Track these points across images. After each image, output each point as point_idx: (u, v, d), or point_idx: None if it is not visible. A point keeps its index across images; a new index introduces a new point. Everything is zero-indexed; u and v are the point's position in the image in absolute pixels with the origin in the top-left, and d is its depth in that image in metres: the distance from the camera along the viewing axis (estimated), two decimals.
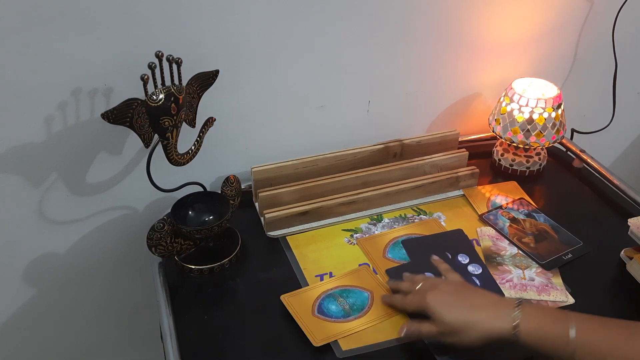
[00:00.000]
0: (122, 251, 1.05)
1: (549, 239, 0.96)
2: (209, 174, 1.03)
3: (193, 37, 0.88)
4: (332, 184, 1.00)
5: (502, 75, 1.16)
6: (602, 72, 1.24)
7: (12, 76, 0.81)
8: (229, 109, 0.97)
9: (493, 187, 1.08)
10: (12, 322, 1.04)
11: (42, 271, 1.01)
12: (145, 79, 0.74)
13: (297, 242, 0.95)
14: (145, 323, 1.18)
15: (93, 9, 0.80)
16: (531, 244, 0.94)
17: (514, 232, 0.97)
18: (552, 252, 0.93)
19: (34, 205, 0.93)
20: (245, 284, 0.88)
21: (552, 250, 0.93)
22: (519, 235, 0.96)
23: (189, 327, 0.81)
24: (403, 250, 0.92)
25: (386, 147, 1.06)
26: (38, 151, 0.88)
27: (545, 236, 0.96)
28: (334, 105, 1.05)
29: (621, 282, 0.88)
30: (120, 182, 0.97)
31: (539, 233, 0.97)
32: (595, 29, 1.19)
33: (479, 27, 1.08)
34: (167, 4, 0.84)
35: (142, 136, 0.79)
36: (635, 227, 0.88)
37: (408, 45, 1.04)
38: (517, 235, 0.96)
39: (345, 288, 0.86)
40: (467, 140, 1.18)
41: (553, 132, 1.06)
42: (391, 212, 1.01)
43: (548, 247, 0.94)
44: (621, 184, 1.07)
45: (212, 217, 0.91)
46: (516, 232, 0.97)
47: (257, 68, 0.96)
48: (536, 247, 0.94)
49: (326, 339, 0.77)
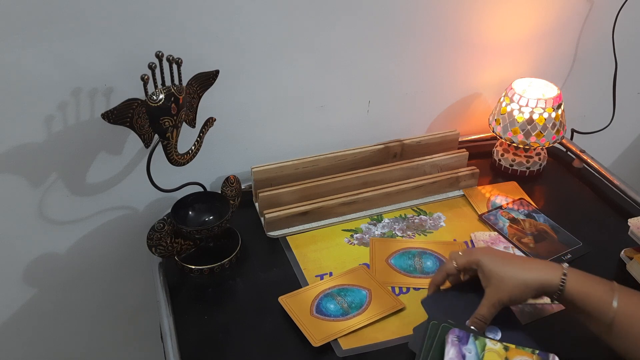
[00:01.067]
0: (122, 251, 1.05)
1: (549, 239, 0.96)
2: (209, 174, 1.03)
3: (193, 37, 0.88)
4: (332, 184, 1.00)
5: (502, 75, 1.16)
6: (602, 72, 1.24)
7: (12, 76, 0.81)
8: (229, 109, 0.97)
9: (493, 187, 1.08)
10: (12, 322, 1.04)
11: (42, 271, 1.01)
12: (145, 79, 0.74)
13: (297, 242, 0.95)
14: (145, 323, 1.18)
15: (93, 9, 0.80)
16: (531, 244, 0.94)
17: (514, 233, 0.97)
18: (551, 252, 0.93)
19: (34, 205, 0.93)
20: (245, 284, 0.88)
21: (551, 250, 0.93)
22: (519, 236, 0.96)
23: (189, 327, 0.81)
24: (409, 261, 0.91)
25: (386, 147, 1.06)
26: (38, 151, 0.88)
27: (544, 236, 0.96)
28: (334, 105, 1.05)
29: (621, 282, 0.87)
30: (120, 182, 0.97)
31: (539, 233, 0.97)
32: (595, 29, 1.19)
33: (479, 27, 1.08)
34: (168, 4, 0.84)
35: (142, 136, 0.79)
36: (635, 227, 0.88)
37: (408, 45, 1.04)
38: (517, 235, 0.96)
39: (343, 287, 0.86)
40: (467, 141, 1.18)
41: (553, 132, 1.06)
42: (391, 212, 1.01)
43: (548, 247, 0.94)
44: (621, 184, 1.07)
45: (212, 217, 0.91)
46: (516, 233, 0.97)
47: (257, 68, 0.96)
48: (536, 248, 0.94)
49: (325, 338, 0.77)
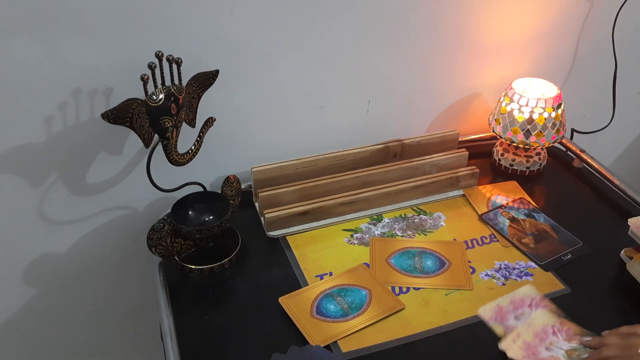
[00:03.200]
0: (122, 251, 1.05)
1: (549, 239, 0.96)
2: (209, 174, 1.03)
3: (193, 37, 0.88)
4: (332, 184, 1.00)
5: (502, 75, 1.16)
6: (602, 72, 1.24)
7: (12, 76, 0.81)
8: (229, 109, 0.97)
9: (493, 187, 1.08)
10: (12, 322, 1.04)
11: (42, 271, 1.01)
12: (145, 79, 0.74)
13: (297, 242, 0.95)
14: (145, 323, 1.18)
15: (93, 9, 0.80)
16: (531, 244, 0.94)
17: (514, 232, 0.97)
18: (551, 252, 0.93)
19: (34, 205, 0.93)
20: (245, 284, 0.88)
21: (551, 250, 0.93)
22: (519, 236, 0.96)
23: (189, 327, 0.81)
24: (409, 261, 0.91)
25: (386, 147, 1.06)
26: (38, 151, 0.88)
27: (545, 236, 0.96)
28: (334, 105, 1.05)
29: (621, 282, 0.88)
30: (120, 182, 0.97)
31: (539, 233, 0.97)
32: (595, 29, 1.19)
33: (479, 27, 1.08)
34: (168, 4, 0.84)
35: (142, 136, 0.79)
36: (635, 227, 0.88)
37: (408, 45, 1.04)
38: (517, 235, 0.96)
39: (343, 287, 0.86)
40: (467, 140, 1.18)
41: (553, 132, 1.06)
42: (391, 212, 1.01)
43: (548, 247, 0.94)
44: (621, 184, 1.06)
45: (212, 217, 0.91)
46: (516, 232, 0.97)
47: (257, 68, 0.96)
48: (536, 248, 0.94)
49: (326, 340, 0.77)
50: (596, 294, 0.86)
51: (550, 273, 0.89)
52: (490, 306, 0.82)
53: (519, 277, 0.88)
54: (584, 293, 0.86)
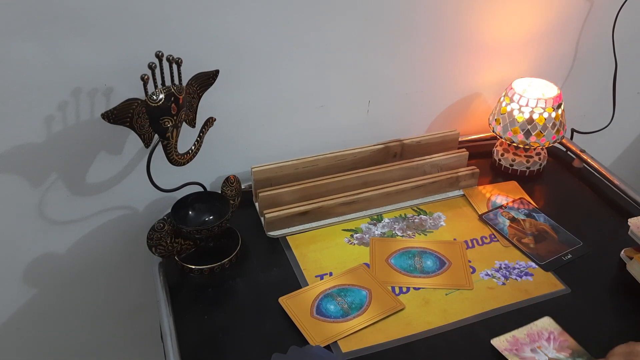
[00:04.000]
0: (122, 251, 1.05)
1: (549, 239, 0.96)
2: (209, 174, 1.03)
3: (193, 37, 0.88)
4: (332, 184, 1.00)
5: (502, 75, 1.16)
6: (602, 72, 1.24)
7: (12, 76, 0.81)
8: (229, 109, 0.97)
9: (493, 187, 1.08)
10: (12, 322, 1.04)
11: (42, 271, 1.01)
12: (145, 79, 0.74)
13: (297, 242, 0.95)
14: (145, 323, 1.18)
15: (93, 9, 0.80)
16: (531, 244, 0.94)
17: (514, 232, 0.97)
18: (551, 252, 0.93)
19: (34, 205, 0.93)
20: (245, 284, 0.88)
21: (551, 250, 0.93)
22: (519, 236, 0.96)
23: (189, 327, 0.81)
24: (409, 261, 0.91)
25: (386, 147, 1.06)
26: (38, 151, 0.88)
27: (545, 236, 0.96)
28: (334, 105, 1.05)
29: (621, 282, 0.88)
30: (120, 182, 0.97)
31: (539, 233, 0.97)
32: (595, 29, 1.19)
33: (479, 27, 1.08)
34: (168, 4, 0.84)
35: (142, 136, 0.79)
36: (635, 227, 0.88)
37: (408, 45, 1.04)
38: (517, 235, 0.96)
39: (343, 287, 0.86)
40: (467, 140, 1.18)
41: (553, 132, 1.06)
42: (391, 212, 1.01)
43: (548, 247, 0.94)
44: (621, 184, 1.07)
45: (212, 217, 0.91)
46: (516, 232, 0.97)
47: (256, 68, 0.96)
48: (536, 248, 0.94)
49: (326, 340, 0.77)
50: (596, 294, 0.86)
51: (550, 273, 0.89)
52: (505, 337, 0.79)
53: (519, 277, 0.88)
54: (584, 293, 0.86)
